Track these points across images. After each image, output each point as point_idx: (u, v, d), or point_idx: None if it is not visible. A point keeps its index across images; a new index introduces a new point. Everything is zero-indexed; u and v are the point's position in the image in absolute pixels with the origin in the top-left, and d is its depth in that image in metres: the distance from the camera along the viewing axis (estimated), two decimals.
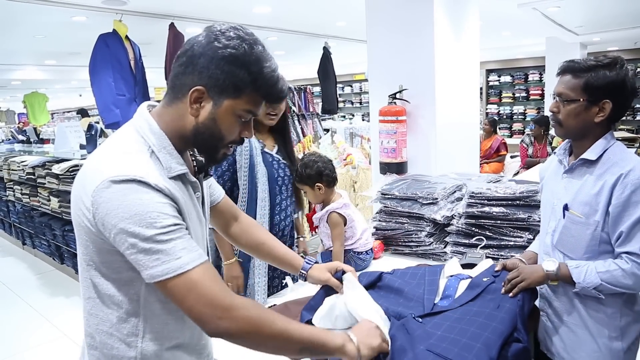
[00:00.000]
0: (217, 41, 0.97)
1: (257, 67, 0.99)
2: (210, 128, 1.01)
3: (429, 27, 2.96)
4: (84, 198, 0.95)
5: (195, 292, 0.92)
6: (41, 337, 3.61)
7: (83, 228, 0.98)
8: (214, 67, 0.97)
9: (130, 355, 1.03)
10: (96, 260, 1.01)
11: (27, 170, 5.03)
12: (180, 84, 1.00)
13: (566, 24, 6.42)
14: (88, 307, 1.06)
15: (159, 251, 0.92)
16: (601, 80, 1.38)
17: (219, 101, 1.00)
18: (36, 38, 5.85)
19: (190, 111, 1.00)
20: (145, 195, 0.92)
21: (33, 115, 10.69)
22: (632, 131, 8.42)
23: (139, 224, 0.90)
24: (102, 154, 1.01)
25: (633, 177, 1.34)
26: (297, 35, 6.37)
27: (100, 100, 4.34)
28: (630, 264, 1.33)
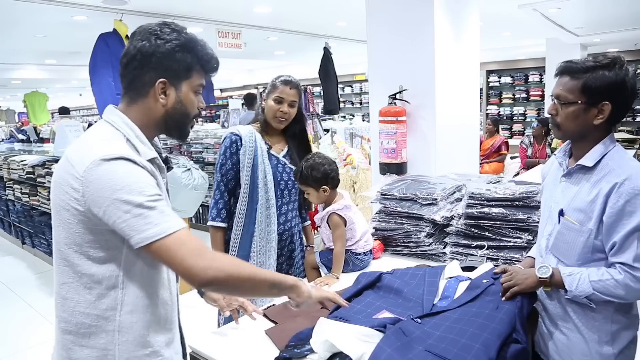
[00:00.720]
0: (160, 39, 1.14)
1: (196, 47, 1.18)
2: (179, 110, 1.19)
3: (429, 28, 2.96)
4: (70, 181, 1.05)
5: (185, 248, 1.04)
6: (40, 336, 3.61)
7: (68, 211, 1.07)
8: (167, 59, 1.14)
9: (109, 329, 1.12)
10: (80, 241, 1.09)
11: (26, 170, 5.03)
12: (140, 84, 1.16)
13: (566, 25, 6.42)
14: (63, 292, 1.14)
15: (149, 216, 1.03)
16: (600, 81, 1.34)
17: (179, 85, 1.18)
18: (37, 37, 5.85)
19: (160, 102, 1.16)
20: (134, 169, 1.06)
21: (33, 114, 10.69)
22: (632, 132, 8.42)
23: (130, 193, 1.02)
24: (82, 144, 1.12)
25: (628, 186, 1.31)
26: (297, 35, 6.37)
27: (100, 100, 4.35)
28: (624, 275, 1.32)
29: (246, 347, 1.49)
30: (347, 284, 1.88)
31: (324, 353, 1.32)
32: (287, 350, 1.40)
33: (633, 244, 1.32)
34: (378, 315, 1.55)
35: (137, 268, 1.13)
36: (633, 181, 1.31)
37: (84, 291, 1.11)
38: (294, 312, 1.65)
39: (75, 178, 1.05)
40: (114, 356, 1.12)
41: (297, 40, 6.74)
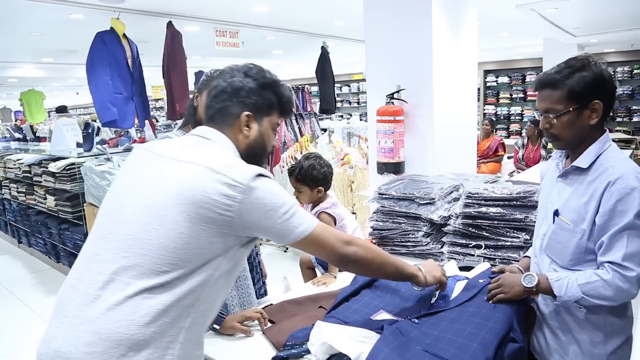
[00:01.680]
0: (248, 75, 1.28)
1: (280, 89, 1.32)
2: (260, 143, 1.30)
3: (427, 28, 2.96)
4: (221, 188, 1.10)
5: (328, 232, 1.25)
6: (37, 336, 3.57)
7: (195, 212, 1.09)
8: (253, 95, 1.27)
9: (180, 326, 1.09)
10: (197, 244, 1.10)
11: (23, 169, 5.01)
12: (228, 114, 1.27)
13: (564, 26, 6.43)
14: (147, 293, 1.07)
15: (298, 214, 1.19)
16: (582, 83, 1.35)
17: (262, 120, 1.30)
18: (33, 35, 5.82)
19: (243, 133, 1.27)
20: (275, 183, 1.20)
21: (30, 113, 10.64)
22: (628, 132, 8.45)
23: (283, 200, 1.16)
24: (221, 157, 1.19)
25: (620, 185, 1.31)
26: (295, 34, 6.36)
27: (97, 99, 4.33)
28: (612, 274, 1.31)
29: (244, 346, 1.49)
30: (344, 282, 1.89)
31: (322, 355, 1.32)
32: (284, 350, 1.40)
33: (622, 242, 1.31)
34: (376, 316, 1.55)
35: (222, 271, 1.16)
36: (625, 180, 1.31)
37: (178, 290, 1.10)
38: (292, 311, 1.66)
39: (231, 186, 1.10)
40: (173, 355, 1.08)
41: (294, 39, 6.74)
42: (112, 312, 1.05)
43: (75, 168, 4.23)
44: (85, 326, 1.05)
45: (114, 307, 1.05)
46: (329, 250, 1.24)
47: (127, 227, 1.12)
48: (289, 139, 5.17)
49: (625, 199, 1.30)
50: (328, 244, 1.23)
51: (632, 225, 1.29)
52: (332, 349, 1.31)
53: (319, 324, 1.38)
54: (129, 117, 4.45)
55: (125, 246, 1.10)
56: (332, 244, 1.24)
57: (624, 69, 9.13)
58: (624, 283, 1.30)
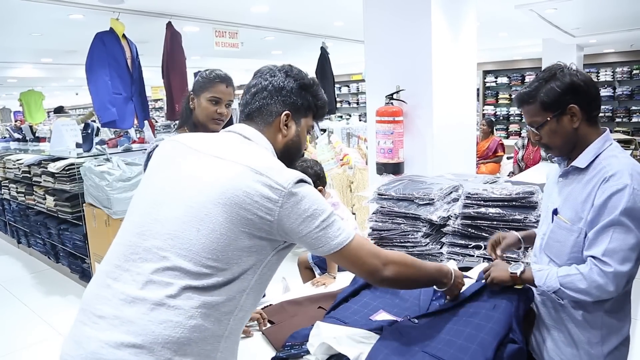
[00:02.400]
0: (290, 76, 1.29)
1: (316, 91, 1.33)
2: (296, 142, 1.31)
3: (426, 28, 2.96)
4: (263, 190, 1.09)
5: (364, 249, 1.20)
6: (36, 336, 3.60)
7: (238, 214, 1.08)
8: (294, 95, 1.28)
9: (220, 334, 1.08)
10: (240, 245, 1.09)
11: (22, 169, 5.01)
12: (268, 112, 1.27)
13: (563, 26, 6.44)
14: (189, 293, 1.05)
15: (336, 222, 1.17)
16: (551, 92, 1.41)
17: (299, 121, 1.31)
18: (33, 36, 5.82)
19: (282, 132, 1.28)
20: (315, 190, 1.19)
21: (29, 113, 10.63)
22: (627, 133, 8.46)
23: (322, 208, 1.15)
24: (263, 159, 1.17)
25: (612, 182, 1.32)
26: (294, 34, 6.36)
27: (96, 99, 4.32)
28: (590, 268, 1.33)
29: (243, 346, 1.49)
30: (344, 283, 1.89)
31: (321, 355, 1.32)
32: (284, 350, 1.40)
33: (606, 238, 1.32)
34: (375, 316, 1.55)
35: (259, 278, 1.15)
36: (618, 177, 1.32)
37: (214, 292, 1.08)
38: (291, 312, 1.66)
39: (273, 189, 1.10)
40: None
41: (294, 40, 6.74)
42: (156, 312, 1.02)
43: (75, 168, 4.24)
44: (126, 327, 1.02)
45: (157, 308, 1.02)
46: (366, 268, 1.21)
47: (167, 226, 1.09)
48: None
49: (616, 195, 1.31)
50: (363, 260, 1.20)
51: (617, 221, 1.30)
52: (331, 350, 1.31)
53: (318, 325, 1.38)
54: (128, 118, 4.45)
55: (165, 245, 1.07)
56: (367, 260, 1.20)
57: (623, 70, 9.13)
58: (600, 278, 1.30)
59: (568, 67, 1.44)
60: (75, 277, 4.65)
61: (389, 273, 1.22)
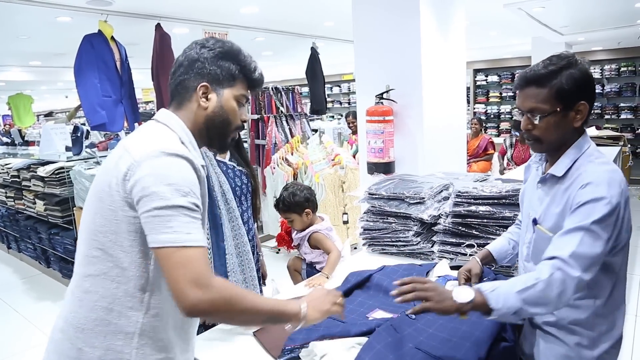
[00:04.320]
0: (205, 47, 1.22)
1: (241, 57, 1.24)
2: (219, 115, 1.21)
3: (415, 27, 2.97)
4: (122, 166, 1.06)
5: (187, 268, 1.00)
6: (27, 342, 3.56)
7: (112, 196, 1.07)
8: (210, 65, 1.20)
9: (129, 331, 1.09)
10: (117, 229, 1.08)
11: (11, 173, 4.96)
12: (185, 88, 1.21)
13: (551, 24, 6.49)
14: (86, 285, 1.12)
15: (175, 220, 1.01)
16: (571, 81, 1.27)
17: (221, 91, 1.21)
18: (20, 38, 5.76)
19: (201, 105, 1.19)
20: (188, 172, 1.07)
21: (18, 117, 10.54)
22: (616, 130, 8.53)
23: (173, 192, 1.02)
24: (141, 137, 1.13)
25: (588, 190, 1.24)
26: (284, 35, 6.36)
27: (85, 102, 4.29)
28: (551, 273, 1.19)
29: (236, 350, 1.49)
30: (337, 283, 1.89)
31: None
32: (284, 355, 1.38)
33: (574, 240, 1.21)
34: (372, 314, 1.55)
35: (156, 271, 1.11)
36: (595, 186, 1.24)
37: (111, 284, 1.09)
38: None
39: (128, 163, 1.05)
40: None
41: (284, 40, 6.73)
42: (68, 300, 1.17)
43: (65, 172, 4.20)
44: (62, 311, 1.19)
45: (68, 296, 1.18)
46: (174, 289, 1.00)
47: (82, 219, 1.17)
48: (279, 140, 5.16)
49: (591, 204, 1.22)
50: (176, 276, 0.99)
51: (588, 228, 1.21)
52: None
53: (314, 344, 1.35)
54: (118, 120, 4.42)
55: (79, 237, 1.18)
56: (182, 281, 0.99)
57: (611, 67, 9.21)
58: (562, 284, 1.19)
59: (579, 58, 1.31)
60: (66, 281, 4.61)
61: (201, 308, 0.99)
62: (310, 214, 2.32)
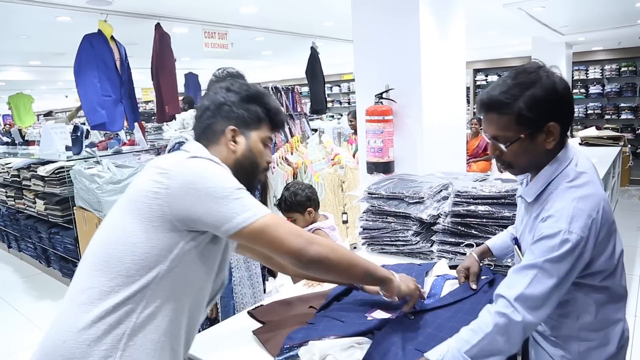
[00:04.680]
0: (231, 90, 1.25)
1: (266, 100, 1.27)
2: (248, 157, 1.24)
3: (414, 27, 2.97)
4: (153, 176, 1.08)
5: (283, 227, 1.10)
6: (27, 341, 3.57)
7: (137, 207, 1.07)
8: (237, 108, 1.23)
9: (118, 332, 1.05)
10: (146, 250, 1.06)
11: (12, 173, 4.96)
12: (213, 132, 1.23)
13: (551, 24, 6.48)
14: (82, 298, 1.08)
15: (244, 199, 1.08)
16: (534, 104, 1.15)
17: (248, 134, 1.25)
18: (20, 38, 5.77)
19: (230, 148, 1.22)
20: (219, 167, 1.12)
21: (18, 116, 10.55)
22: (617, 130, 8.53)
23: (221, 181, 1.07)
24: (170, 157, 1.15)
25: (548, 224, 1.15)
26: (284, 35, 6.36)
27: (85, 102, 4.30)
28: (495, 323, 1.14)
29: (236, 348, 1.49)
30: None
31: None
32: (282, 353, 1.38)
33: (525, 279, 1.14)
34: (371, 313, 1.55)
35: (167, 288, 1.09)
36: (554, 220, 1.15)
37: (107, 296, 1.05)
38: (282, 312, 1.65)
39: (160, 174, 1.07)
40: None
41: (284, 40, 6.73)
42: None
43: (65, 171, 4.21)
44: None
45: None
46: (285, 246, 1.09)
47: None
48: (279, 139, 5.16)
49: (547, 240, 1.14)
50: (282, 239, 1.08)
51: (540, 266, 1.14)
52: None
53: (313, 344, 1.35)
54: (118, 120, 4.43)
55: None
56: (288, 239, 1.09)
57: (611, 67, 9.21)
58: (505, 331, 1.13)
59: (548, 70, 1.18)
60: (66, 281, 4.61)
61: (315, 252, 1.11)
62: (313, 212, 2.32)
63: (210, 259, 1.17)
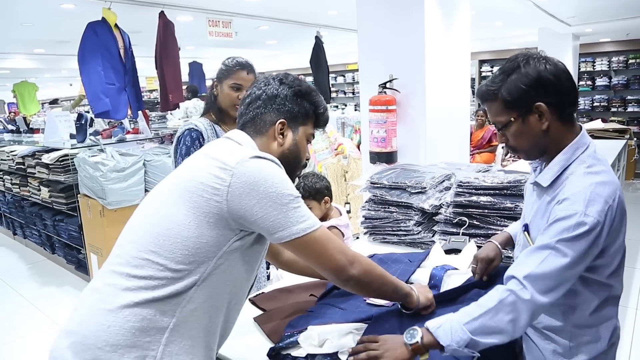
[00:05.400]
0: (284, 83, 1.26)
1: (314, 98, 1.29)
2: (294, 152, 1.26)
3: (419, 16, 2.95)
4: (213, 171, 1.06)
5: (332, 243, 1.13)
6: (33, 326, 3.61)
7: (201, 208, 1.06)
8: (289, 102, 1.24)
9: (162, 326, 1.04)
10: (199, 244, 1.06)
11: (16, 160, 4.99)
12: (262, 122, 1.24)
13: (558, 15, 6.42)
14: (129, 284, 1.06)
15: (301, 209, 1.09)
16: (514, 89, 1.22)
17: (296, 129, 1.27)
18: (24, 26, 5.77)
19: (278, 140, 1.23)
20: (280, 170, 1.11)
21: (23, 104, 10.58)
22: (623, 122, 8.47)
23: (284, 188, 1.08)
24: (223, 148, 1.15)
25: (564, 206, 1.15)
26: (288, 24, 6.33)
27: (89, 90, 4.30)
28: (500, 300, 1.13)
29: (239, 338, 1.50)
30: None
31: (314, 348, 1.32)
32: (283, 340, 1.39)
33: (535, 259, 1.14)
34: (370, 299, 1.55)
35: (211, 285, 1.09)
36: (569, 202, 1.15)
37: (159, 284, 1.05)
38: (283, 299, 1.67)
39: (221, 169, 1.06)
40: (155, 357, 1.04)
41: (288, 29, 6.70)
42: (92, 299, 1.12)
43: (69, 159, 4.23)
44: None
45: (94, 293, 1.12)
46: (330, 262, 1.12)
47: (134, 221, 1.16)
48: None
49: (561, 222, 1.14)
50: (329, 254, 1.12)
51: (554, 247, 1.13)
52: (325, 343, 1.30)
53: (312, 329, 1.36)
54: (122, 108, 4.43)
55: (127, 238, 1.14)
56: (334, 256, 1.12)
57: (619, 59, 9.12)
58: (513, 309, 1.12)
59: (535, 56, 1.23)
60: (71, 268, 4.66)
61: (355, 272, 1.15)
62: (328, 202, 2.33)
63: (253, 258, 1.17)
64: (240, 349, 1.39)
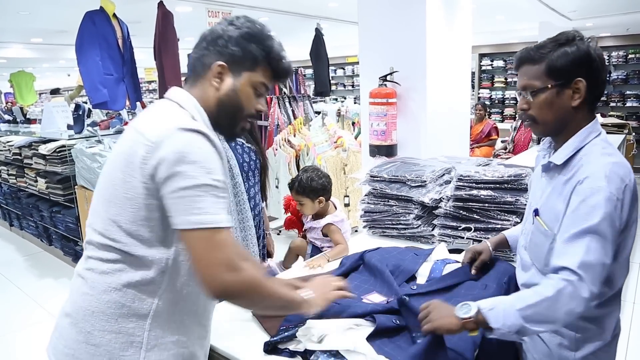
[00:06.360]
0: (233, 24, 1.13)
1: (268, 43, 1.14)
2: (232, 99, 1.13)
3: (420, 9, 2.92)
4: (139, 150, 1.00)
5: (219, 251, 0.97)
6: (29, 318, 3.60)
7: (129, 182, 1.02)
8: (233, 44, 1.11)
9: (142, 313, 1.07)
10: (138, 217, 1.03)
11: (13, 151, 4.96)
12: (202, 64, 1.13)
13: (559, 9, 6.39)
14: (102, 268, 1.08)
15: (203, 201, 0.96)
16: (564, 58, 1.22)
17: (239, 74, 1.13)
18: (20, 14, 5.71)
19: (213, 85, 1.12)
20: (208, 148, 1.00)
21: (20, 94, 10.51)
22: (621, 117, 8.46)
23: (198, 170, 0.96)
24: (152, 117, 1.08)
25: (586, 185, 1.16)
26: (288, 15, 6.29)
27: (87, 80, 4.26)
28: (557, 289, 1.11)
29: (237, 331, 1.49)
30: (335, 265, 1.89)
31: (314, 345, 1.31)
32: (278, 334, 1.38)
33: (580, 247, 1.13)
34: (368, 296, 1.55)
35: (184, 265, 1.08)
36: (592, 179, 1.16)
37: (127, 269, 1.06)
38: None
39: (145, 145, 1.00)
40: (141, 343, 1.06)
41: (288, 21, 6.66)
42: (77, 283, 1.13)
43: (66, 150, 4.20)
44: (69, 297, 1.18)
45: (77, 279, 1.14)
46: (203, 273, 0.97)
47: (94, 201, 1.13)
48: (282, 121, 5.14)
49: (589, 199, 1.14)
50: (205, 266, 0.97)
51: (595, 229, 1.12)
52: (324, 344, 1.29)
53: (311, 323, 1.35)
54: (120, 99, 4.39)
55: (90, 220, 1.13)
56: (211, 270, 0.97)
57: (618, 54, 9.10)
58: (572, 299, 1.10)
59: (589, 38, 1.25)
60: (68, 259, 4.64)
61: (226, 291, 0.99)
62: (323, 202, 2.27)
63: None
64: (240, 345, 1.38)
